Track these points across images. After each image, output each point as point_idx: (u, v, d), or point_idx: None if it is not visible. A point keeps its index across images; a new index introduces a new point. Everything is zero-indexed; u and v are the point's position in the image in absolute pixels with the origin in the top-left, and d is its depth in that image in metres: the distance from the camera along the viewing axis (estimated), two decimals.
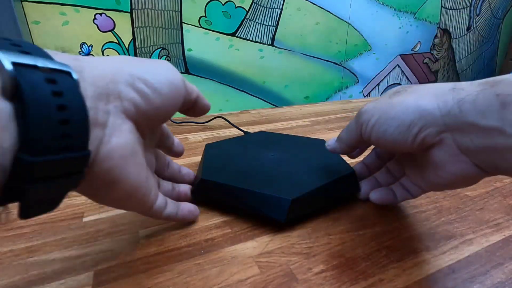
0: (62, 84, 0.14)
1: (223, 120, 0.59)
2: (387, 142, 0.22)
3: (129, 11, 0.62)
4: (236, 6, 0.76)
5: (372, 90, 1.70)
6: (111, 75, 0.18)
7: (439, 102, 0.20)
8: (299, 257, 0.24)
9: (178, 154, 0.31)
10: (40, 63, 0.13)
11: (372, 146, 0.31)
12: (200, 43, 0.73)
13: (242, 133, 0.52)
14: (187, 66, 0.73)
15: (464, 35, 1.80)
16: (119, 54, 0.62)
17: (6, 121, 0.12)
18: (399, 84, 1.76)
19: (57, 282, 0.21)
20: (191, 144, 0.48)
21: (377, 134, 0.23)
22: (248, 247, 0.25)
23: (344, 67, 1.53)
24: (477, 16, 1.54)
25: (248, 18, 0.81)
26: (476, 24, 1.78)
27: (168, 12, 0.66)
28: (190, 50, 0.72)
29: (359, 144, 0.27)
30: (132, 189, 0.20)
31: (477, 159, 0.19)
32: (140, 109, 0.19)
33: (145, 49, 0.65)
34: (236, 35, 0.80)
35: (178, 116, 0.46)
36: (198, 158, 0.42)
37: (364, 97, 1.71)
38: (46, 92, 0.13)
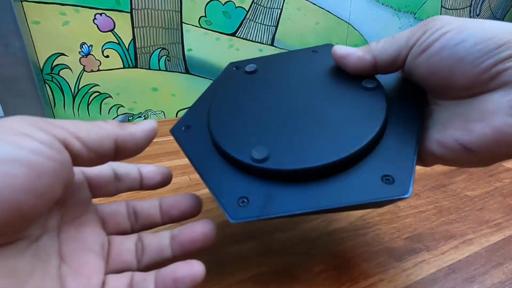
0: None
1: None
2: (448, 62, 0.16)
3: (129, 11, 0.62)
4: (236, 6, 0.77)
5: None
6: None
7: None
8: (299, 257, 0.24)
9: (150, 187, 0.21)
10: None
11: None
12: (200, 43, 0.74)
13: None
14: (187, 66, 0.73)
15: None
16: (119, 54, 0.62)
17: None
18: None
19: None
20: None
21: (443, 47, 0.16)
22: (248, 247, 0.25)
23: None
24: (477, 16, 1.54)
25: (248, 18, 0.81)
26: None
27: (168, 12, 0.66)
28: (190, 50, 0.72)
29: (395, 65, 0.19)
30: None
31: None
32: None
33: (145, 49, 0.65)
34: (236, 35, 0.80)
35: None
36: None
37: None
38: None
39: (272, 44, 1.01)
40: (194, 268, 0.17)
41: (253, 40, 0.90)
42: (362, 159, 0.18)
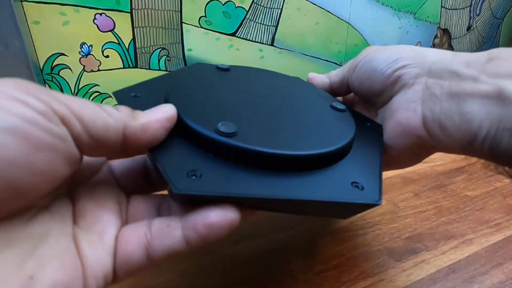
0: None
1: None
2: (367, 73, 0.22)
3: (129, 11, 0.62)
4: (236, 6, 0.77)
5: None
6: None
7: (437, 53, 0.20)
8: (299, 257, 0.24)
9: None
10: None
11: None
12: (200, 43, 0.74)
13: None
14: (187, 66, 0.73)
15: (464, 35, 1.80)
16: (119, 54, 0.62)
17: None
18: None
19: None
20: None
21: (364, 63, 0.22)
22: (248, 247, 0.25)
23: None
24: (477, 16, 1.54)
25: (248, 18, 0.81)
26: (476, 24, 1.77)
27: (168, 12, 0.66)
28: (190, 50, 0.72)
29: (343, 84, 0.25)
30: None
31: (430, 108, 0.19)
32: None
33: (145, 49, 0.65)
34: (236, 35, 0.80)
35: None
36: None
37: None
38: None
39: (272, 44, 1.01)
40: (229, 212, 0.14)
41: (253, 40, 0.90)
42: (331, 164, 0.18)
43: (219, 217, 0.14)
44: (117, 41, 0.61)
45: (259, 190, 0.15)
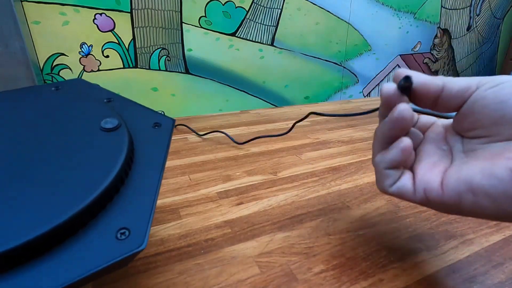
0: None
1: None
2: (497, 105, 0.17)
3: (129, 11, 0.62)
4: (236, 6, 0.76)
5: (372, 90, 1.70)
6: None
7: None
8: (299, 257, 0.24)
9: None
10: None
11: None
12: (200, 43, 0.73)
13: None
14: (187, 66, 0.73)
15: (464, 35, 1.80)
16: (119, 54, 0.62)
17: None
18: None
19: None
20: (191, 144, 0.48)
21: (509, 84, 0.17)
22: (248, 247, 0.25)
23: (344, 67, 1.53)
24: (477, 16, 1.54)
25: (248, 18, 0.81)
26: (476, 24, 1.78)
27: (168, 12, 0.66)
28: (190, 50, 0.72)
29: (458, 97, 0.19)
30: None
31: None
32: None
33: (145, 49, 0.65)
34: (236, 35, 0.80)
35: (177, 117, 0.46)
36: (199, 158, 0.42)
37: (364, 97, 1.71)
38: None
39: (272, 44, 1.00)
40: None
41: (253, 40, 0.90)
42: (95, 216, 0.15)
43: None
44: (117, 41, 0.61)
45: None
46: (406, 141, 0.19)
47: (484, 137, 0.19)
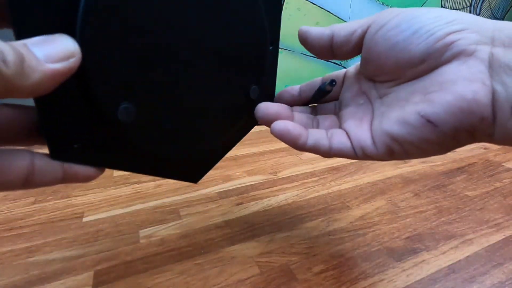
0: None
1: None
2: (402, 35, 0.17)
3: None
4: None
5: None
6: None
7: (497, 22, 0.17)
8: (299, 257, 0.24)
9: None
10: None
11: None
12: None
13: None
14: None
15: None
16: None
17: None
18: None
19: (57, 282, 0.21)
20: None
21: (401, 21, 0.17)
22: (248, 247, 0.25)
23: (344, 67, 1.53)
24: (477, 16, 1.54)
25: None
26: None
27: None
28: None
29: (349, 42, 0.20)
30: None
31: (503, 83, 0.15)
32: None
33: None
34: None
35: None
36: None
37: None
38: None
39: None
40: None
41: None
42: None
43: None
44: None
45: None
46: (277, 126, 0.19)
47: (390, 81, 0.19)
